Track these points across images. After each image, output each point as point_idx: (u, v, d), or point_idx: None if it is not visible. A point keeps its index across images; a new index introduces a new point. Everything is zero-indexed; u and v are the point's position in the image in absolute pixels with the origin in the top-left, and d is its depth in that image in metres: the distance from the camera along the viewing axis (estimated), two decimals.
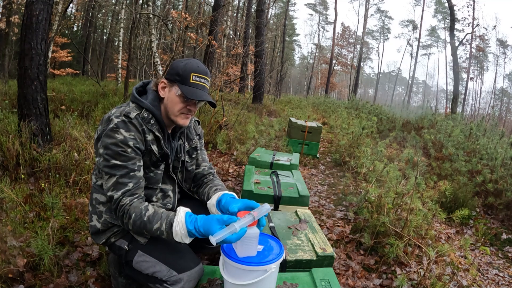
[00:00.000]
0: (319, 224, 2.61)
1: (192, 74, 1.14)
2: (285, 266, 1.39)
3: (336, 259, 2.11)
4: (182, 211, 1.05)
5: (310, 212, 1.94)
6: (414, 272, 2.00)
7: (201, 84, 1.15)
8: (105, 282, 1.56)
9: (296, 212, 1.92)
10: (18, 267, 1.45)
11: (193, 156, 1.38)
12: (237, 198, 1.20)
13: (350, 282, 1.91)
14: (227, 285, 1.04)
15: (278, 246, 1.10)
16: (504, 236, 3.02)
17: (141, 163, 1.13)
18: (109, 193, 1.09)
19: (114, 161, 1.07)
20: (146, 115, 1.14)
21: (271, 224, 1.69)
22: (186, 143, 1.33)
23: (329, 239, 2.39)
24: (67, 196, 2.18)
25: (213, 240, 0.93)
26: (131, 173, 1.09)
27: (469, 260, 2.02)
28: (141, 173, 1.13)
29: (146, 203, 1.09)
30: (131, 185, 1.09)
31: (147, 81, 1.27)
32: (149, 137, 1.15)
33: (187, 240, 1.03)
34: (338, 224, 2.72)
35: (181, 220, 1.02)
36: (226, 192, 1.25)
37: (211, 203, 1.23)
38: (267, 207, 1.04)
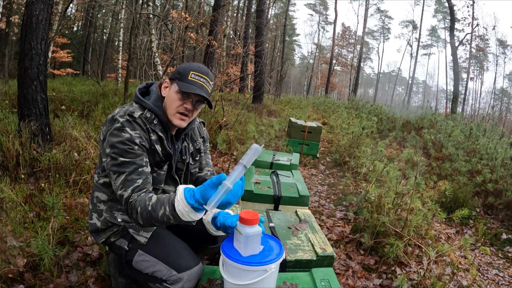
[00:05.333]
0: (319, 224, 2.61)
1: (191, 72, 1.15)
2: (285, 266, 1.38)
3: (336, 259, 2.11)
4: (181, 188, 0.99)
5: (310, 212, 1.93)
6: (414, 272, 2.00)
7: (199, 83, 1.15)
8: (105, 282, 1.56)
9: (296, 212, 1.92)
10: (18, 267, 1.45)
11: (196, 158, 1.37)
12: (232, 214, 1.17)
13: (350, 282, 1.91)
14: (227, 285, 1.04)
15: (278, 246, 1.10)
16: (504, 236, 3.03)
17: (148, 159, 1.13)
18: (119, 192, 1.07)
19: (122, 159, 1.07)
20: (149, 115, 1.15)
21: (271, 224, 1.69)
22: (190, 145, 1.33)
23: (329, 239, 2.39)
24: (67, 196, 2.18)
25: (209, 207, 0.89)
26: (140, 169, 1.09)
27: (469, 260, 2.02)
28: (148, 169, 1.12)
29: (151, 194, 1.06)
30: (140, 181, 1.08)
31: (150, 82, 1.28)
32: (153, 136, 1.15)
33: (196, 216, 0.97)
34: (338, 224, 2.72)
35: (181, 198, 0.95)
36: None
37: (206, 220, 1.22)
38: (255, 147, 0.94)
